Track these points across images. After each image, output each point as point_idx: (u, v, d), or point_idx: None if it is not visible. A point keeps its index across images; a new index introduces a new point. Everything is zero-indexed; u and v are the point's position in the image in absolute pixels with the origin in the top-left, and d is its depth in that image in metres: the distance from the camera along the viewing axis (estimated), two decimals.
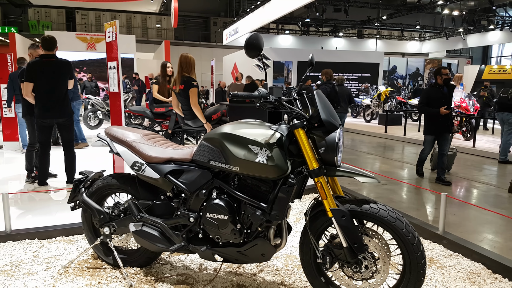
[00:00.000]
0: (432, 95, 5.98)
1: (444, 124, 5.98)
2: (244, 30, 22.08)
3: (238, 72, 13.37)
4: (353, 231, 2.25)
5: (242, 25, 22.41)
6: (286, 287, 2.72)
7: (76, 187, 2.97)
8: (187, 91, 5.07)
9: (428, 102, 5.97)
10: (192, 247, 2.57)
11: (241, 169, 2.35)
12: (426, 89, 6.07)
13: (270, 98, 2.31)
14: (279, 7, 16.67)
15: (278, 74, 21.48)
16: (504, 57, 35.08)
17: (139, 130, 2.90)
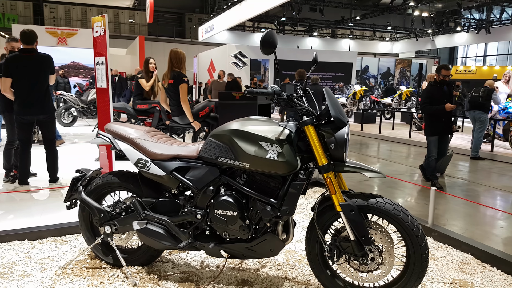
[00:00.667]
0: (434, 93, 5.71)
1: (446, 124, 5.76)
2: (221, 27, 21.98)
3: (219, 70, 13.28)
4: (360, 225, 2.31)
5: (218, 22, 22.28)
6: (290, 281, 2.76)
7: (73, 186, 2.90)
8: (177, 86, 5.03)
9: (430, 101, 5.69)
10: (199, 244, 2.57)
11: (251, 165, 2.36)
12: (427, 88, 5.79)
13: (283, 95, 2.34)
14: (256, 5, 16.69)
15: (255, 72, 21.51)
16: (469, 58, 36.40)
17: (141, 127, 2.86)
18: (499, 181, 6.49)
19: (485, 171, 7.26)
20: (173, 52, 5.08)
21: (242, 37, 28.54)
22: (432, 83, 5.78)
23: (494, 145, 9.02)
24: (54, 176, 5.06)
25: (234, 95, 5.33)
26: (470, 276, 2.90)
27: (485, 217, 4.51)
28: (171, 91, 5.12)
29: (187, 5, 31.44)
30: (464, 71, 28.31)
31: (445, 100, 5.67)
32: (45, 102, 4.84)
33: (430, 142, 5.84)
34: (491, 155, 8.78)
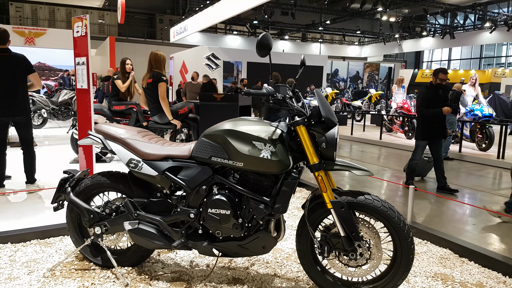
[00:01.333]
0: (430, 97, 5.54)
1: (440, 128, 5.63)
2: (193, 28, 21.88)
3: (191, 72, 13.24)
4: (350, 221, 2.41)
5: (190, 24, 22.17)
6: (280, 278, 2.83)
7: (61, 187, 2.87)
8: (155, 85, 5.06)
9: (427, 105, 5.52)
10: (191, 243, 2.60)
11: (245, 164, 2.42)
12: (423, 92, 5.62)
13: (277, 96, 2.41)
14: (229, 8, 16.72)
15: (228, 74, 21.55)
16: (434, 62, 37.74)
17: (132, 127, 2.86)
18: (468, 180, 6.80)
19: (455, 171, 7.58)
20: (153, 54, 5.10)
21: (214, 39, 28.49)
22: (428, 87, 5.63)
23: (462, 146, 9.44)
24: (32, 178, 4.94)
25: (215, 96, 5.37)
26: (450, 270, 3.06)
27: (458, 214, 4.73)
28: (150, 90, 5.14)
29: (158, 6, 31.12)
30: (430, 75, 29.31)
31: (441, 104, 5.54)
32: (23, 103, 4.73)
33: (418, 146, 5.73)
34: (459, 155, 9.17)
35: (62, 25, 27.33)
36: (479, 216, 4.63)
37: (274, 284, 2.74)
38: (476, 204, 5.25)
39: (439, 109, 5.46)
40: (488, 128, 9.48)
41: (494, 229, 4.17)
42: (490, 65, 33.58)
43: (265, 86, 2.44)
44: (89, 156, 4.52)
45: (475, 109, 10.02)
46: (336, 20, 27.03)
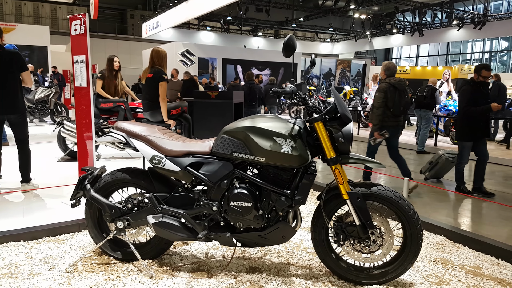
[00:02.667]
0: (475, 94, 5.15)
1: (485, 126, 5.30)
2: (166, 24, 21.66)
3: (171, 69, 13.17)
4: (365, 210, 2.61)
5: (163, 19, 21.94)
6: (294, 266, 3.00)
7: (80, 184, 2.93)
8: (155, 82, 4.99)
9: (474, 103, 5.10)
10: (213, 235, 2.73)
11: (267, 159, 2.57)
12: (467, 90, 5.22)
13: (301, 94, 2.57)
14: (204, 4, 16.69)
15: (203, 71, 21.52)
16: (402, 58, 38.85)
17: (152, 125, 2.96)
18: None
19: None
20: (155, 51, 5.08)
21: (187, 35, 28.29)
22: (471, 84, 5.23)
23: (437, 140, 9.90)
24: (27, 177, 4.91)
25: (209, 93, 5.47)
26: (448, 255, 3.32)
27: (442, 203, 5.03)
28: (147, 85, 5.10)
29: (129, 1, 30.61)
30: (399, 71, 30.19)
31: (485, 101, 5.16)
32: (17, 100, 4.69)
33: (464, 147, 5.31)
34: (435, 149, 9.59)
35: (29, 20, 26.49)
36: (464, 204, 4.95)
37: (289, 271, 2.91)
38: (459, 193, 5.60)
39: (487, 106, 5.08)
40: None
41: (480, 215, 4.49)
42: (456, 61, 34.86)
43: (288, 85, 2.59)
44: (90, 154, 4.53)
45: (449, 104, 10.52)
46: (309, 17, 27.40)
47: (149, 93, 5.14)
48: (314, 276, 2.85)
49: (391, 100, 5.14)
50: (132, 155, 7.23)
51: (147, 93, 5.18)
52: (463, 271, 3.02)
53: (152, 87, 5.06)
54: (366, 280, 2.75)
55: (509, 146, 9.63)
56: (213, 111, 5.24)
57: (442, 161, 6.01)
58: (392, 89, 5.17)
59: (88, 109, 4.49)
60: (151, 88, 5.07)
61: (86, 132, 4.56)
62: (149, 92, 5.13)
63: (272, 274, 2.86)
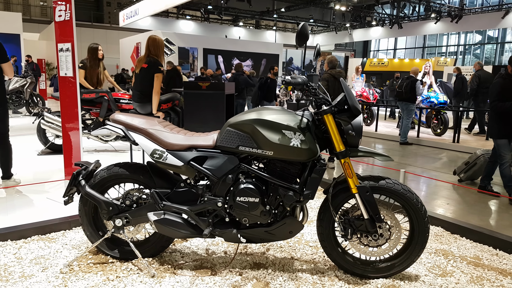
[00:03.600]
0: (507, 88, 4.71)
1: None
2: (145, 12, 21.11)
3: None
4: (374, 204, 2.56)
5: (142, 7, 21.38)
6: (298, 261, 2.94)
7: (74, 179, 2.77)
8: (150, 73, 4.72)
9: (503, 98, 4.70)
10: (218, 231, 2.63)
11: (275, 153, 2.48)
12: (498, 82, 4.79)
13: (313, 85, 2.48)
14: None
15: (184, 61, 21.16)
16: (380, 51, 39.25)
17: (152, 117, 2.82)
18: (430, 162, 7.26)
19: (417, 155, 8.06)
20: (151, 39, 4.84)
21: (166, 24, 27.78)
22: (504, 77, 4.83)
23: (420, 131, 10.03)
24: (8, 173, 4.67)
25: (200, 84, 5.32)
26: (447, 246, 3.32)
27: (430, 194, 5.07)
28: (140, 76, 4.84)
29: None
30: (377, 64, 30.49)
31: None
32: None
33: (500, 145, 4.81)
34: (417, 140, 9.74)
35: None
36: (452, 195, 5.00)
37: (294, 266, 2.85)
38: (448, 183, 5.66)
39: None
40: (443, 114, 10.12)
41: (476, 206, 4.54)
42: (432, 54, 35.44)
43: (299, 76, 2.50)
44: (76, 147, 4.34)
45: (431, 96, 10.64)
46: (290, 8, 27.30)
47: (142, 84, 4.86)
48: (320, 271, 2.80)
49: (332, 87, 5.98)
50: (116, 148, 7.03)
51: (140, 84, 4.90)
52: (465, 262, 3.03)
53: (146, 78, 4.79)
54: (373, 274, 2.72)
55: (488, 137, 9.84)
56: (204, 103, 5.10)
57: (481, 162, 5.46)
58: (332, 79, 6.06)
59: (75, 100, 4.29)
60: (144, 79, 4.80)
61: (72, 124, 4.36)
62: (142, 82, 4.85)
63: (277, 269, 2.79)
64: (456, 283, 2.70)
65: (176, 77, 10.50)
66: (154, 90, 4.73)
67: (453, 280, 2.73)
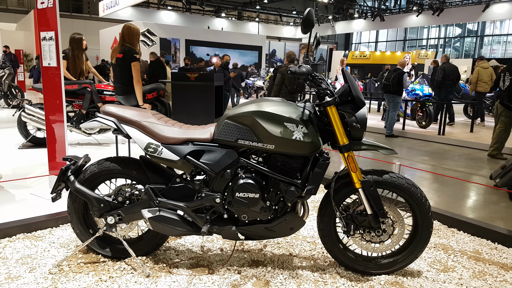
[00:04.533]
0: None
1: None
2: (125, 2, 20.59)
3: None
4: (378, 199, 2.49)
5: None
6: (297, 258, 2.86)
7: (62, 175, 2.62)
8: (126, 62, 4.56)
9: None
10: (216, 229, 2.52)
11: (277, 146, 2.38)
12: None
13: (317, 75, 2.38)
14: None
15: (165, 52, 20.79)
16: (361, 43, 39.46)
17: (145, 109, 2.67)
18: (418, 155, 7.28)
19: (403, 147, 8.08)
20: (126, 27, 4.67)
21: (147, 14, 27.24)
22: None
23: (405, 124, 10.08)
24: None
25: (188, 75, 5.16)
26: (446, 240, 3.29)
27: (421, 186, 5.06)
28: (117, 66, 4.67)
29: None
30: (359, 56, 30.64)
31: None
32: None
33: None
34: (402, 132, 9.78)
35: None
36: (442, 186, 5.00)
37: (294, 263, 2.77)
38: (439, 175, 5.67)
39: None
40: (428, 106, 10.18)
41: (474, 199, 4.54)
42: (413, 47, 35.80)
43: (304, 65, 2.39)
44: (61, 141, 4.15)
45: (416, 89, 10.69)
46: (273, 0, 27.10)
47: (121, 75, 4.69)
48: (320, 268, 2.72)
49: (288, 80, 6.70)
50: (100, 141, 6.83)
51: (119, 76, 4.72)
52: (465, 257, 3.00)
53: (123, 69, 4.62)
54: (375, 270, 2.66)
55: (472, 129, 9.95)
56: (193, 95, 4.95)
57: None
58: None
59: (59, 91, 4.09)
60: (122, 69, 4.62)
61: (57, 117, 4.16)
62: (121, 74, 4.68)
63: (277, 267, 2.71)
64: (459, 278, 2.66)
65: (160, 68, 10.29)
66: (134, 79, 4.56)
67: (456, 276, 2.69)
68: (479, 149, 7.95)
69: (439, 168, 6.16)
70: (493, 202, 4.51)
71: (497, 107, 6.78)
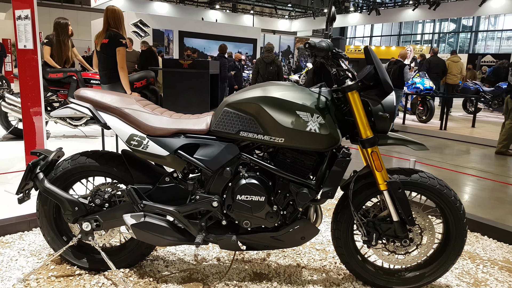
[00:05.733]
0: None
1: None
2: None
3: None
4: (406, 204, 2.09)
5: None
6: (307, 270, 2.46)
7: (30, 172, 2.19)
8: (111, 49, 4.15)
9: None
10: (213, 237, 2.12)
11: (287, 140, 1.97)
12: None
13: (339, 51, 1.98)
14: None
15: (158, 43, 20.23)
16: (356, 38, 39.09)
17: (128, 95, 2.25)
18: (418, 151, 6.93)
19: None
20: (110, 11, 4.24)
21: (139, 5, 26.60)
22: None
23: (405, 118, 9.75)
24: None
25: (181, 62, 4.73)
26: (471, 247, 2.91)
27: None
28: (103, 53, 4.24)
29: None
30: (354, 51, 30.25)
31: None
32: None
33: None
34: (403, 127, 9.43)
35: None
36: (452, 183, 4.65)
37: (303, 277, 2.37)
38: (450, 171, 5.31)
39: None
40: (429, 100, 9.83)
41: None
42: (408, 42, 35.51)
43: (324, 40, 1.98)
44: (39, 133, 3.71)
45: (417, 82, 10.33)
46: None
47: (107, 62, 4.28)
48: (334, 282, 2.33)
49: (262, 69, 7.71)
50: (87, 133, 6.38)
51: (104, 62, 4.31)
52: (496, 267, 2.62)
53: (109, 55, 4.22)
54: (398, 285, 2.27)
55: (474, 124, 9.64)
56: (186, 83, 4.53)
57: None
58: (262, 62, 7.85)
59: (36, 77, 3.64)
60: (108, 55, 4.22)
61: (33, 106, 3.72)
62: (106, 60, 4.28)
63: (284, 281, 2.31)
64: None
65: (151, 58, 9.86)
66: (118, 66, 4.18)
67: None
68: (483, 145, 7.62)
69: (446, 164, 5.79)
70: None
71: (507, 102, 6.44)
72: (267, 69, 7.69)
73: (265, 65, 7.70)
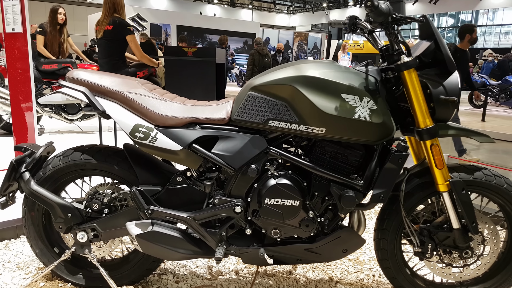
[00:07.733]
0: None
1: None
2: None
3: None
4: (471, 208, 1.72)
5: None
6: (340, 284, 2.10)
7: (13, 171, 1.81)
8: (117, 35, 3.90)
9: None
10: (235, 249, 1.75)
11: (329, 130, 1.60)
12: None
13: (400, 16, 1.60)
14: None
15: (156, 38, 19.81)
16: None
17: (131, 77, 1.86)
18: None
19: None
20: None
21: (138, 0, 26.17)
22: None
23: None
24: None
25: (185, 50, 4.35)
26: None
27: None
28: (106, 40, 3.95)
29: None
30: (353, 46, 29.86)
31: None
32: None
33: None
34: None
35: None
36: None
37: None
38: None
39: None
40: None
41: None
42: (406, 37, 35.17)
43: (383, 1, 1.60)
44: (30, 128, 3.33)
45: None
46: None
47: (108, 49, 4.02)
48: None
49: (257, 61, 8.21)
50: (84, 128, 5.98)
51: (106, 49, 4.05)
52: None
53: (113, 42, 3.97)
54: None
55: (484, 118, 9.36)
56: (191, 72, 4.16)
57: None
58: (257, 54, 8.28)
59: (26, 65, 3.26)
60: (112, 42, 3.97)
61: (24, 100, 3.35)
62: (109, 48, 4.02)
63: None
64: None
65: (150, 51, 9.45)
66: (137, 55, 4.06)
67: None
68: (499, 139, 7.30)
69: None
70: None
71: None
72: (263, 61, 8.23)
73: (261, 56, 8.24)
